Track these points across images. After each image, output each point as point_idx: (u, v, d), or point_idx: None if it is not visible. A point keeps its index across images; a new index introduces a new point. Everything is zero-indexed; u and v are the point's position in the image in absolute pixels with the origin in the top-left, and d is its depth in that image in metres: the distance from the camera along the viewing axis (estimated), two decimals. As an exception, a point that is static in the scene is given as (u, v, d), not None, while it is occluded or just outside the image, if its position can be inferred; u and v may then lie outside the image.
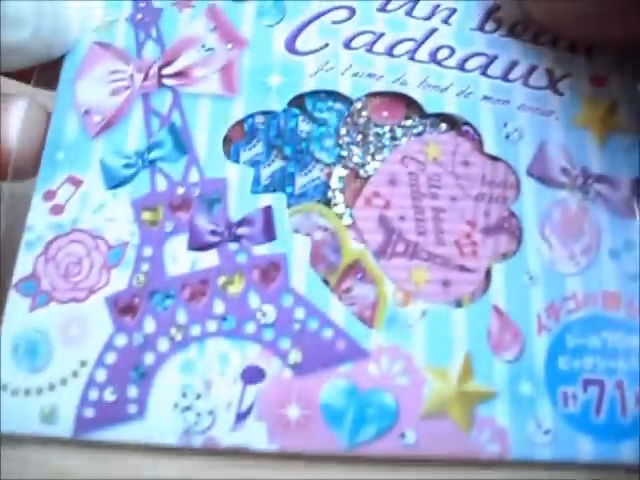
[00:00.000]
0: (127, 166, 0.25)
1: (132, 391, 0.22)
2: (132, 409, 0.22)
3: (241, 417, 0.22)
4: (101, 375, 0.23)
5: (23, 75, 0.26)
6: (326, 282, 0.24)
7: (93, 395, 0.22)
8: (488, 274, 0.24)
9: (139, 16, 0.27)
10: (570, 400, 0.23)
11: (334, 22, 0.27)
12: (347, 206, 0.25)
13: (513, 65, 0.26)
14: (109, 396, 0.22)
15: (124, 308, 0.23)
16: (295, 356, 0.23)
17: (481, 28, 0.27)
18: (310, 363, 0.23)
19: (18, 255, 0.24)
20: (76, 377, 0.23)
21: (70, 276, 0.24)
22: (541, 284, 0.24)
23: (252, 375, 0.23)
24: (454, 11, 0.27)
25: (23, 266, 0.24)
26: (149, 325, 0.23)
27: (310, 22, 0.27)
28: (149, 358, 0.23)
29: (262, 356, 0.23)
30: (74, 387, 0.22)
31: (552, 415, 0.22)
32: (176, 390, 0.22)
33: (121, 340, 0.23)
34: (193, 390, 0.22)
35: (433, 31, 0.27)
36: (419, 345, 0.23)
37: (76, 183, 0.25)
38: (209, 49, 0.27)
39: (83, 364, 0.23)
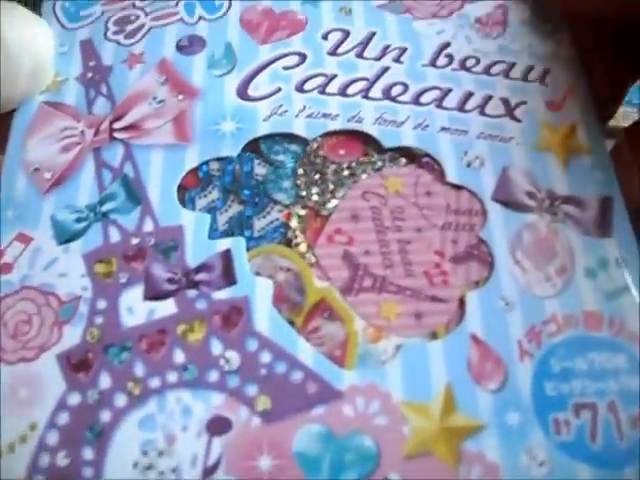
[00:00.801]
0: (79, 220, 0.24)
1: (87, 453, 0.21)
2: (88, 472, 0.20)
3: (208, 472, 0.20)
4: (52, 438, 0.21)
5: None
6: (292, 323, 0.23)
7: (44, 461, 0.21)
8: (462, 303, 0.23)
9: (89, 75, 0.27)
10: (563, 427, 0.21)
11: (285, 68, 0.27)
12: (309, 245, 0.24)
13: (468, 96, 0.26)
14: (62, 460, 0.21)
15: (77, 364, 0.22)
16: (264, 402, 0.21)
17: (433, 64, 0.27)
18: (280, 409, 0.21)
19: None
20: (25, 442, 0.21)
21: (19, 335, 0.22)
22: (518, 309, 0.23)
23: (218, 426, 0.21)
24: (405, 50, 0.27)
25: (-30, 329, 0.23)
26: (104, 380, 0.22)
27: (261, 69, 0.27)
28: (105, 416, 0.21)
29: (227, 405, 0.21)
30: (23, 453, 0.21)
31: (545, 444, 0.21)
32: (136, 448, 0.21)
33: (74, 399, 0.21)
34: (154, 447, 0.21)
35: (385, 70, 0.27)
36: (395, 381, 0.22)
37: (25, 240, 0.24)
38: (160, 101, 0.26)
39: (33, 427, 0.21)
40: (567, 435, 0.21)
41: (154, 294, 0.23)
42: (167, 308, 0.23)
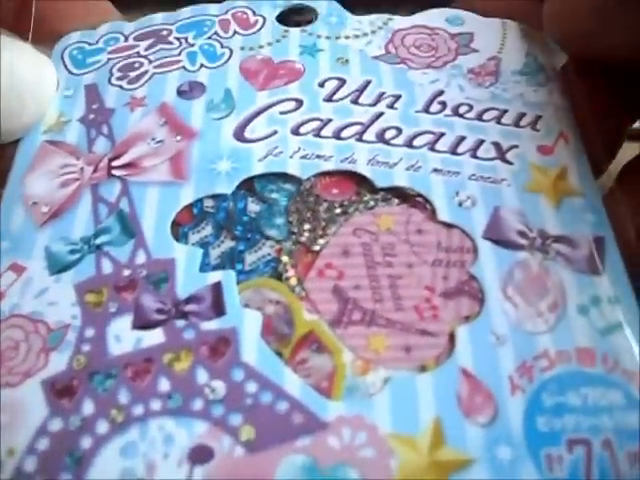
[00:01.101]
0: (72, 252, 0.24)
1: (65, 479, 0.20)
2: (65, 500, 0.20)
3: (188, 502, 0.20)
4: (30, 464, 0.20)
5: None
6: (280, 354, 0.22)
7: (21, 487, 0.20)
8: (452, 337, 0.23)
9: (91, 116, 0.28)
10: (555, 463, 0.20)
11: (282, 112, 0.28)
12: (299, 279, 0.24)
13: (460, 140, 0.27)
14: (39, 486, 0.20)
15: (61, 391, 0.22)
16: (247, 432, 0.21)
17: (426, 110, 0.28)
18: (264, 439, 0.21)
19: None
20: (1, 469, 0.20)
21: (5, 361, 0.22)
22: (509, 344, 0.22)
23: (200, 455, 0.20)
24: (399, 97, 0.28)
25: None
26: (87, 407, 0.21)
27: (258, 114, 0.28)
28: (86, 442, 0.21)
29: (211, 434, 0.21)
30: (-1, 480, 0.20)
31: (538, 480, 0.20)
32: (115, 475, 0.20)
33: (56, 424, 0.21)
34: (134, 474, 0.20)
35: (379, 115, 0.28)
36: (383, 414, 0.21)
37: (19, 270, 0.24)
38: (159, 141, 0.27)
39: (10, 453, 0.20)
40: (560, 471, 0.20)
41: (143, 323, 0.23)
42: (155, 337, 0.23)
